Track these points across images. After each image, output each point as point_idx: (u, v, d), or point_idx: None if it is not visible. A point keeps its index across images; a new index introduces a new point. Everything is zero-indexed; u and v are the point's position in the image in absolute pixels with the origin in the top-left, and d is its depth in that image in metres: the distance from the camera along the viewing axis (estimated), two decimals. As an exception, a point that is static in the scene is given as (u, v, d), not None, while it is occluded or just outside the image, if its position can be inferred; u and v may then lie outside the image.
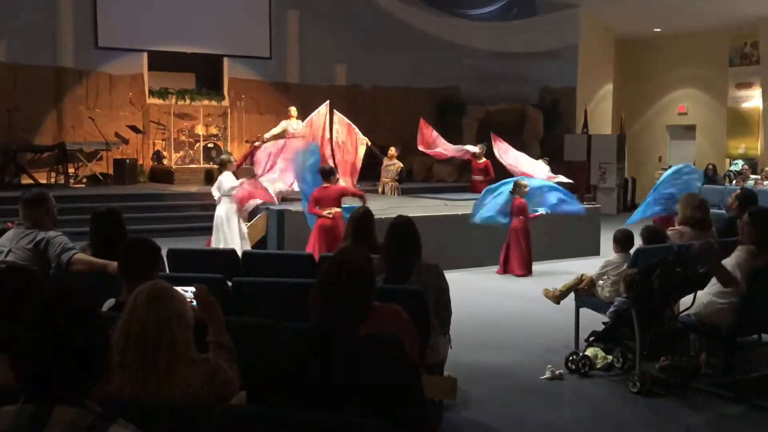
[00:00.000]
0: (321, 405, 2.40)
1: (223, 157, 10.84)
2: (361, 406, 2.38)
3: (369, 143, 13.10)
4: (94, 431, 1.88)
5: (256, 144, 12.90)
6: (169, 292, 2.79)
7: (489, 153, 14.04)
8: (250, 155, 12.72)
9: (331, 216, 8.95)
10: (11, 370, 1.95)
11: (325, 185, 9.30)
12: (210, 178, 16.31)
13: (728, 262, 5.41)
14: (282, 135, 13.54)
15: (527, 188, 10.45)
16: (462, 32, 17.89)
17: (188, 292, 3.35)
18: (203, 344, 3.01)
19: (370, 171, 14.68)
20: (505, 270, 10.36)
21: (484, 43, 18.30)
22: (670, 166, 11.62)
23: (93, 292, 2.21)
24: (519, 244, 10.29)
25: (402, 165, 14.74)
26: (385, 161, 14.59)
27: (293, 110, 14.05)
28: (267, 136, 13.65)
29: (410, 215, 5.21)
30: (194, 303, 3.15)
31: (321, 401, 2.42)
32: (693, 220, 6.62)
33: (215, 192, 10.47)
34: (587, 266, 7.99)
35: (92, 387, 1.97)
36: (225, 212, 10.16)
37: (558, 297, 6.78)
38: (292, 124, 13.65)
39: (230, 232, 10.13)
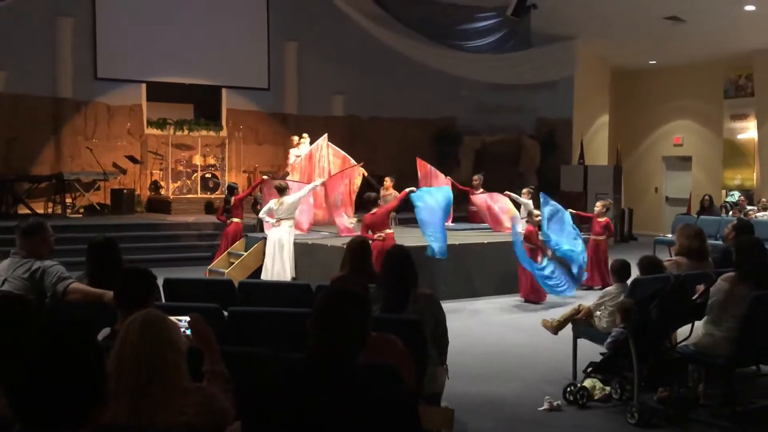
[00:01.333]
0: (317, 435, 2.38)
1: (282, 183, 11.36)
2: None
3: (366, 174, 13.15)
4: None
5: (265, 178, 13.00)
6: (161, 321, 2.77)
7: (486, 184, 14.06)
8: (257, 187, 12.83)
9: (383, 239, 9.64)
10: (6, 397, 1.94)
11: (373, 211, 10.03)
12: (210, 208, 16.35)
13: (713, 294, 5.44)
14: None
15: (539, 217, 10.54)
16: (459, 64, 18.02)
17: (182, 321, 3.33)
18: (198, 373, 2.99)
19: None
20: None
21: (481, 74, 18.42)
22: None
23: (90, 321, 2.20)
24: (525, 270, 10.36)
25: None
26: (382, 191, 14.61)
27: (296, 139, 14.12)
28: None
29: (406, 245, 5.22)
30: (188, 332, 3.13)
31: (317, 431, 2.39)
32: (689, 251, 6.63)
33: (266, 217, 10.99)
34: (587, 297, 7.99)
35: (88, 416, 1.95)
36: (280, 237, 10.71)
37: (556, 327, 6.77)
38: (302, 149, 13.78)
39: (284, 257, 10.64)
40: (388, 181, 13.78)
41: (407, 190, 10.54)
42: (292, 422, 2.44)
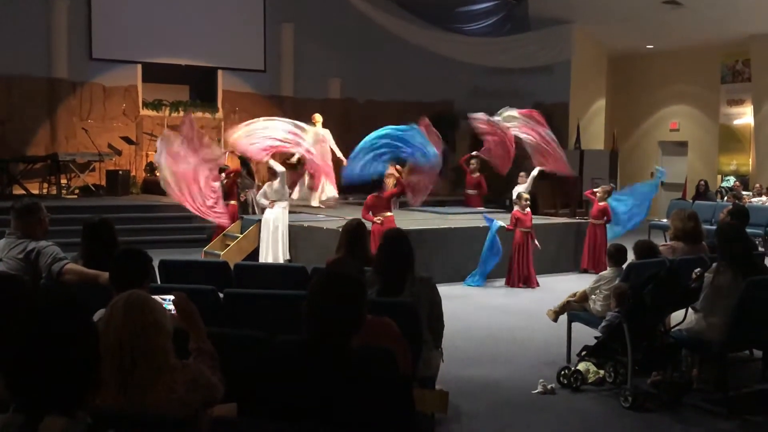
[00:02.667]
0: (313, 417, 2.38)
1: (273, 165, 11.27)
2: (352, 419, 2.37)
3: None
4: None
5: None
6: (145, 301, 2.76)
7: (483, 167, 14.05)
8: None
9: (380, 222, 9.67)
10: (2, 378, 1.94)
11: (376, 194, 10.16)
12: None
13: (704, 285, 5.48)
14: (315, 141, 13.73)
15: (527, 201, 10.55)
16: (456, 47, 17.96)
17: (167, 300, 3.33)
18: (184, 352, 3.00)
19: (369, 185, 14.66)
20: (513, 282, 10.45)
21: (478, 58, 18.36)
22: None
23: (86, 303, 2.20)
24: (515, 256, 10.38)
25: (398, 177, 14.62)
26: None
27: (318, 116, 14.10)
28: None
29: (403, 228, 5.22)
30: (173, 311, 3.13)
31: (313, 413, 2.40)
32: (684, 233, 6.64)
33: (263, 200, 10.98)
34: (582, 281, 8.01)
35: (83, 398, 1.95)
36: (274, 218, 10.71)
37: (556, 313, 6.77)
38: (319, 130, 13.77)
39: (278, 239, 10.63)
40: (391, 167, 13.73)
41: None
42: (288, 404, 2.44)
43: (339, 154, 13.20)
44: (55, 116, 16.86)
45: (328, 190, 13.14)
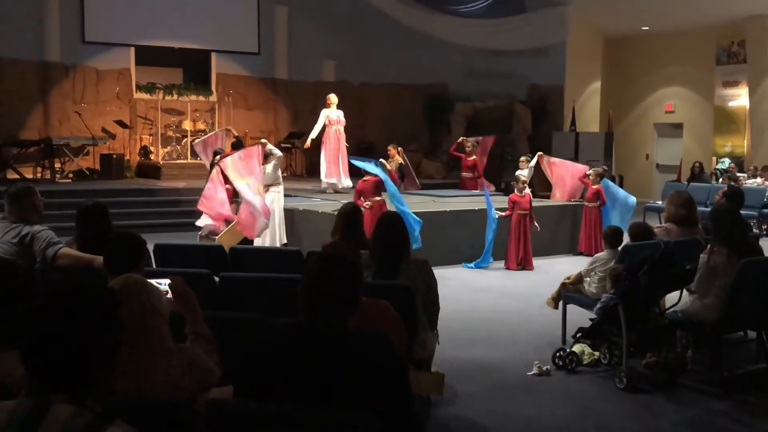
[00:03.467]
0: (308, 400, 2.39)
1: (266, 149, 11.22)
2: (348, 402, 2.37)
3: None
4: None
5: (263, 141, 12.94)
6: (141, 285, 2.76)
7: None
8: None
9: (369, 207, 9.67)
10: (22, 361, 1.92)
11: (365, 178, 10.25)
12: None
13: (699, 266, 5.49)
14: (324, 126, 13.78)
15: (525, 183, 10.57)
16: (451, 29, 17.89)
17: (163, 284, 3.33)
18: (181, 336, 2.99)
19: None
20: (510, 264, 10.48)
21: (473, 40, 18.29)
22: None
23: (115, 293, 2.18)
24: (512, 238, 10.41)
25: (401, 161, 14.58)
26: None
27: (333, 97, 14.05)
28: (313, 134, 13.87)
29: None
30: (170, 295, 3.13)
31: (308, 396, 2.40)
32: (678, 218, 6.65)
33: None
34: (577, 264, 8.02)
35: (96, 385, 1.93)
36: (270, 202, 10.59)
37: (555, 300, 6.77)
38: (332, 112, 13.73)
39: (274, 223, 10.59)
40: (392, 150, 13.71)
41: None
42: (283, 387, 2.44)
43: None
44: (48, 100, 16.77)
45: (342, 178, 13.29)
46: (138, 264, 3.66)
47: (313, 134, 13.84)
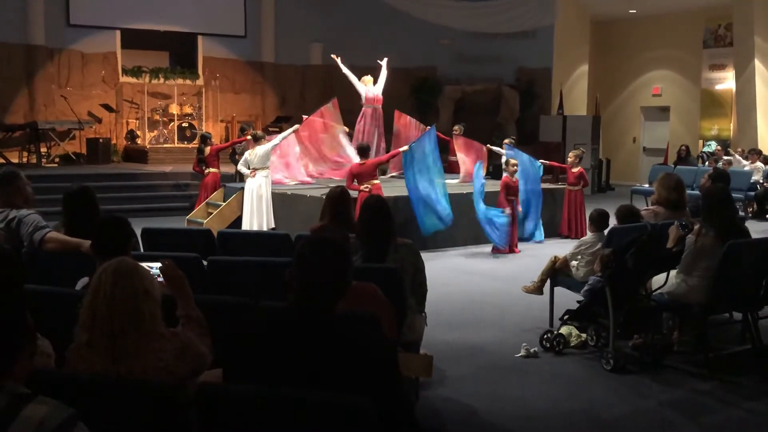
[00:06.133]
0: (298, 383, 2.39)
1: (258, 132, 11.52)
2: (338, 384, 2.38)
3: (347, 130, 13.16)
4: (6, 415, 1.75)
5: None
6: (134, 269, 2.76)
7: (466, 134, 13.99)
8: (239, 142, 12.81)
9: (368, 190, 9.53)
10: None
11: (361, 162, 10.16)
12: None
13: (686, 247, 5.52)
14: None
15: (515, 167, 10.58)
16: (438, 12, 17.83)
17: (154, 268, 3.32)
18: (173, 320, 2.99)
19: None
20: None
21: (461, 23, 18.25)
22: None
23: (15, 257, 2.09)
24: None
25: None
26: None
27: (367, 78, 13.98)
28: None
29: (390, 195, 5.21)
30: (161, 279, 3.12)
31: (298, 379, 2.41)
32: (667, 201, 6.67)
33: (244, 168, 10.90)
34: (562, 246, 8.04)
35: (11, 367, 1.85)
36: (258, 186, 10.68)
37: (539, 287, 6.78)
38: (370, 88, 13.68)
39: (262, 208, 10.63)
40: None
41: (401, 149, 10.50)
42: (273, 370, 2.45)
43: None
44: (33, 84, 16.63)
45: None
46: (126, 248, 3.65)
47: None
